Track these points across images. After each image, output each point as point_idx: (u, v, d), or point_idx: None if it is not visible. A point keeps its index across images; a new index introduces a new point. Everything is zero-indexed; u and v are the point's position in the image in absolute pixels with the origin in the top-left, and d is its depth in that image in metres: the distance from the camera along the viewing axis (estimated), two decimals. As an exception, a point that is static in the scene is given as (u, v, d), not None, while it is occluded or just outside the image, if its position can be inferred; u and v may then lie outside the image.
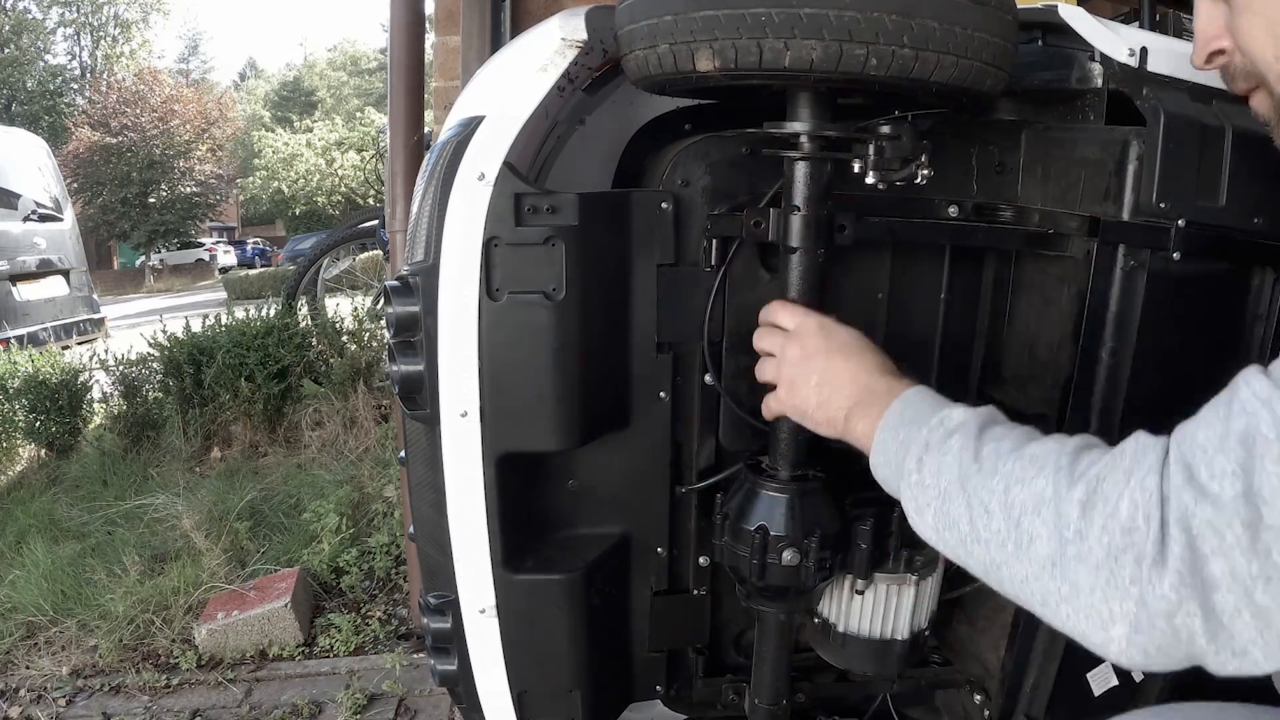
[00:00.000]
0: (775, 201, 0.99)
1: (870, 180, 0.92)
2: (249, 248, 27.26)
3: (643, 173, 1.16)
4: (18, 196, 6.42)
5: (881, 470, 0.82)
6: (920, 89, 0.80)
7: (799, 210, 0.93)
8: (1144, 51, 0.94)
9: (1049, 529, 0.62)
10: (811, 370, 0.90)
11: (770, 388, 0.95)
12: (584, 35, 0.96)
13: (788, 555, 0.98)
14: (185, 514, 2.71)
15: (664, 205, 1.03)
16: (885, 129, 0.91)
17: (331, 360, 3.79)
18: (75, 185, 20.17)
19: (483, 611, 1.07)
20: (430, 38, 2.35)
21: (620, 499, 1.13)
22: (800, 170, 0.92)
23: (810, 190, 0.92)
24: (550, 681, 1.12)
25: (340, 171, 24.15)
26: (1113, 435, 1.00)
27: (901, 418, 0.80)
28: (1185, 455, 0.58)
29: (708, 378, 1.09)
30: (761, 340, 0.97)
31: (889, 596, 1.11)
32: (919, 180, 0.93)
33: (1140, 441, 0.62)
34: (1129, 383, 0.99)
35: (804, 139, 0.91)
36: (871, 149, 0.91)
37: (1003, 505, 0.66)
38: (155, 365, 3.73)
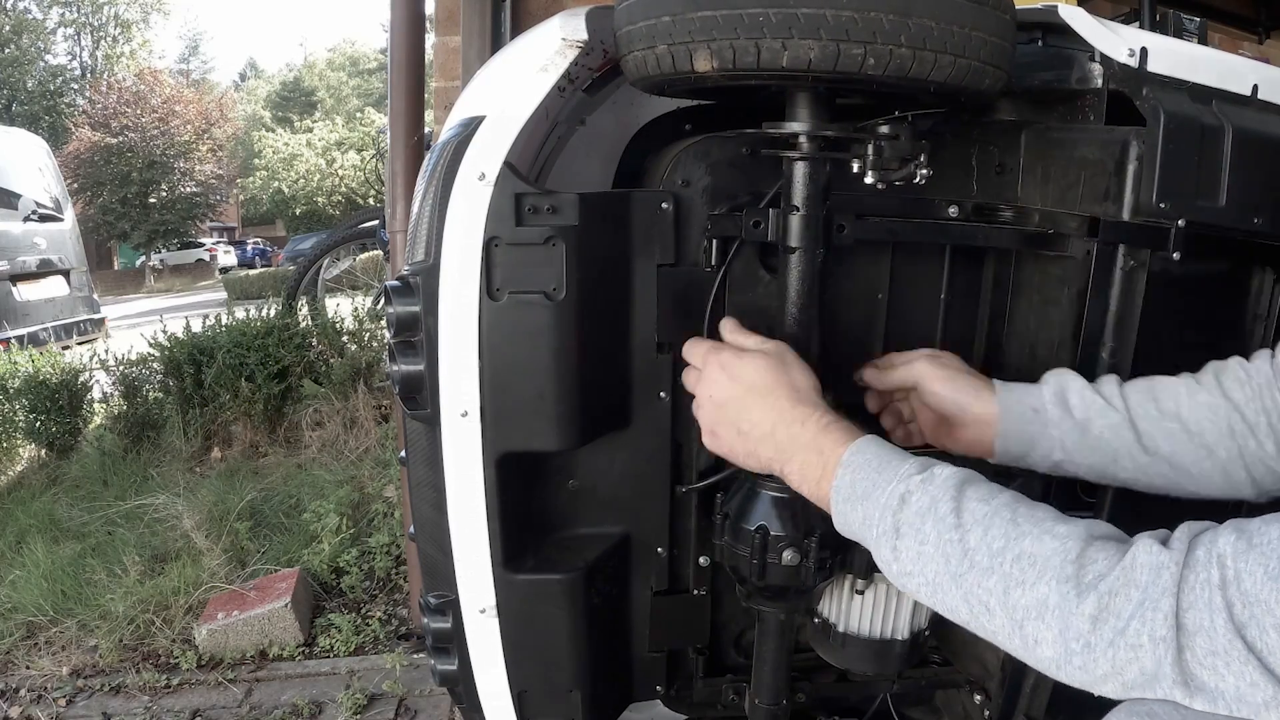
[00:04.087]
0: (775, 202, 0.99)
1: (869, 180, 0.92)
2: (249, 248, 27.27)
3: (643, 173, 1.16)
4: (18, 196, 6.42)
5: (850, 536, 0.79)
6: (919, 88, 0.80)
7: (798, 210, 0.93)
8: (1144, 51, 0.94)
9: (1054, 634, 0.62)
10: (726, 418, 0.86)
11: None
12: (584, 36, 0.96)
13: (788, 555, 0.98)
14: (185, 514, 2.71)
15: (664, 205, 1.03)
16: (884, 129, 0.91)
17: (332, 360, 3.79)
18: (75, 185, 20.17)
19: (483, 611, 1.07)
20: (430, 38, 2.35)
21: (620, 499, 1.13)
22: (799, 170, 0.92)
23: (809, 190, 0.92)
24: (550, 681, 1.12)
25: (340, 171, 24.16)
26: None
27: (854, 490, 0.76)
28: (1230, 600, 0.55)
29: (708, 378, 1.09)
30: (685, 379, 0.95)
31: (889, 596, 1.11)
32: (918, 180, 0.93)
33: (1153, 556, 0.60)
34: (1129, 383, 0.99)
35: (802, 139, 0.91)
36: (870, 149, 0.91)
37: (1004, 606, 0.64)
38: (155, 365, 3.73)
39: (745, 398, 0.85)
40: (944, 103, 0.90)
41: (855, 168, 0.93)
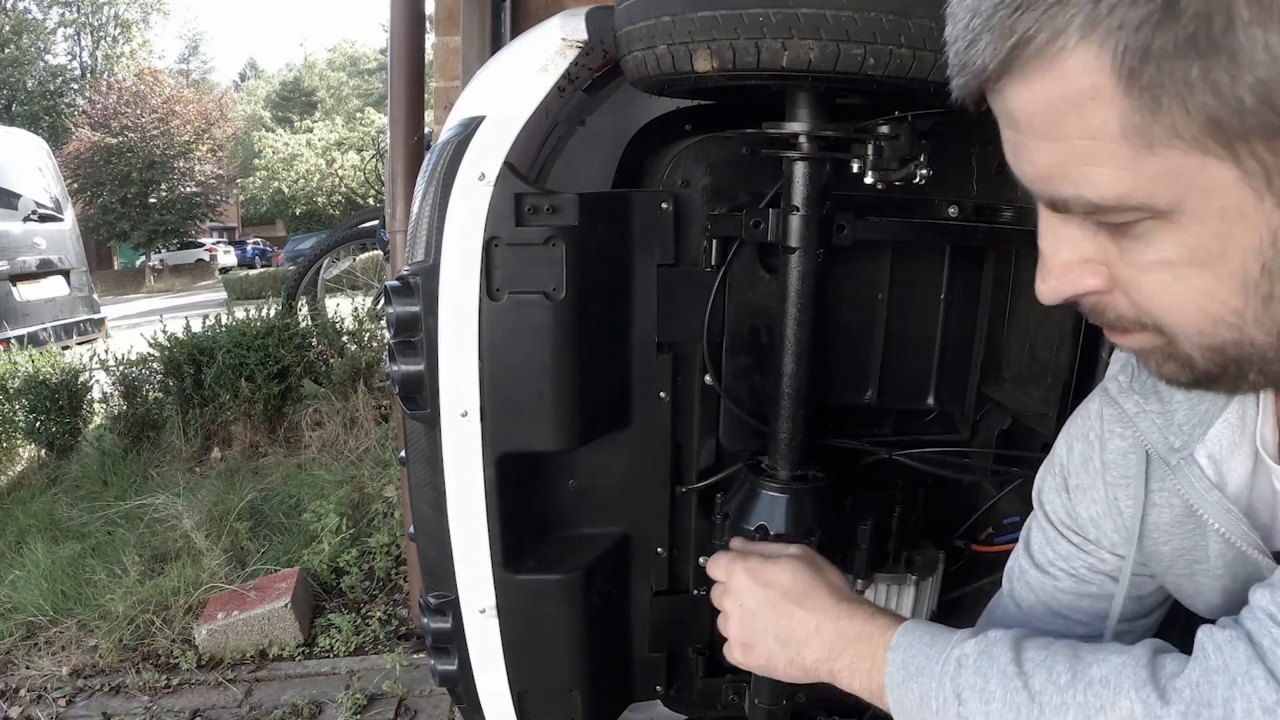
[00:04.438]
0: (775, 202, 0.99)
1: (869, 180, 0.92)
2: (249, 248, 27.25)
3: (643, 173, 1.16)
4: (18, 197, 6.42)
5: None
6: (918, 88, 0.80)
7: (798, 210, 0.93)
8: (1144, 52, 0.94)
9: None
10: (761, 627, 0.82)
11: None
12: (584, 36, 0.96)
13: (788, 555, 0.98)
14: (185, 514, 2.71)
15: (664, 205, 1.03)
16: (884, 129, 0.91)
17: (331, 360, 3.79)
18: (75, 185, 20.17)
19: (483, 611, 1.07)
20: (430, 38, 2.35)
21: (620, 499, 1.13)
22: (799, 170, 0.92)
23: (809, 190, 0.92)
24: (550, 681, 1.12)
25: (340, 171, 24.15)
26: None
27: (908, 669, 0.71)
28: None
29: (707, 378, 1.09)
30: (713, 595, 0.89)
31: (889, 596, 1.11)
32: (918, 180, 0.93)
33: (1218, 636, 0.57)
34: (1129, 383, 0.99)
35: (802, 139, 0.91)
36: (870, 149, 0.91)
37: None
38: (155, 365, 3.73)
39: (781, 603, 0.81)
40: (944, 103, 0.90)
41: (855, 168, 0.93)
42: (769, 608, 0.81)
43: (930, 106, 0.92)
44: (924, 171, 0.92)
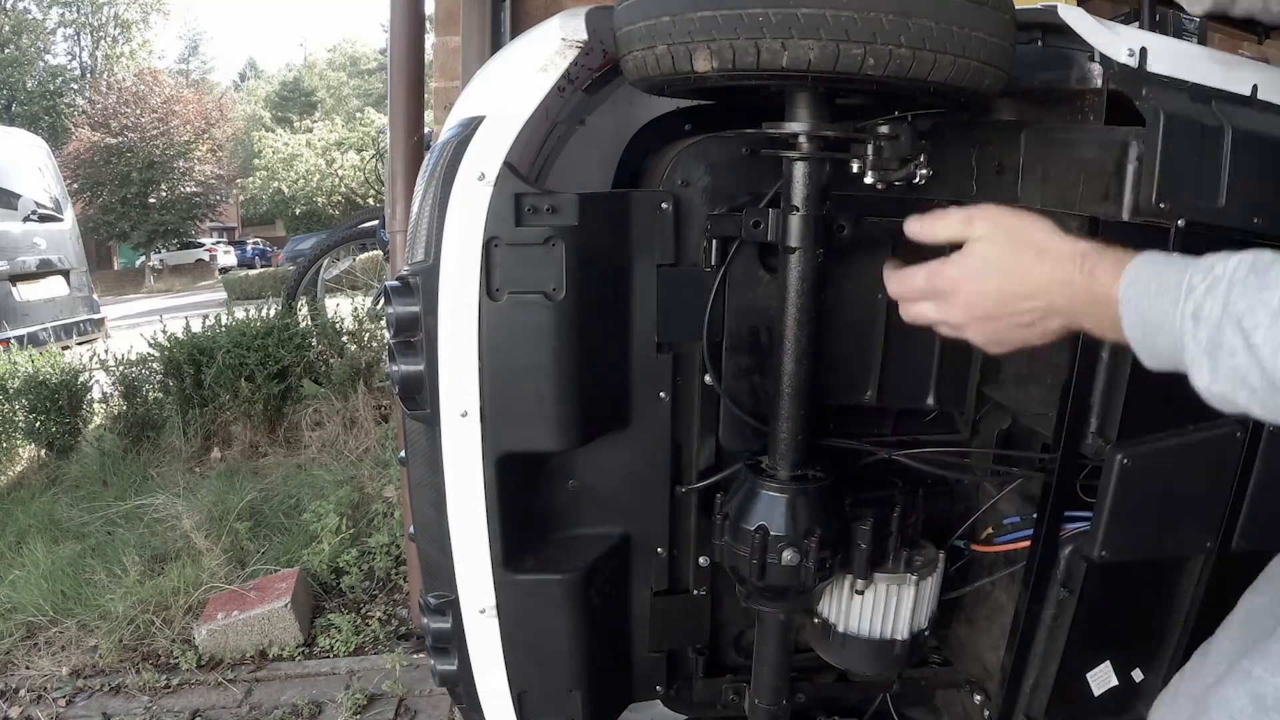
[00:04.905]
0: (775, 202, 0.99)
1: (869, 180, 0.92)
2: (249, 248, 27.24)
3: (643, 173, 1.16)
4: (18, 197, 6.41)
5: (1163, 366, 0.70)
6: (918, 88, 0.80)
7: (797, 210, 0.93)
8: (1144, 52, 0.94)
9: None
10: (998, 320, 0.77)
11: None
12: (584, 36, 0.96)
13: (788, 555, 0.98)
14: (185, 514, 2.71)
15: (664, 205, 1.03)
16: (884, 129, 0.91)
17: (331, 360, 3.79)
18: (75, 185, 20.15)
19: (483, 611, 1.07)
20: (430, 38, 2.35)
21: (620, 499, 1.13)
22: (799, 170, 0.92)
23: (809, 190, 0.92)
24: (550, 681, 1.12)
25: (340, 172, 24.13)
26: (1112, 435, 1.00)
27: (1147, 322, 0.69)
28: None
29: (707, 378, 1.09)
30: (921, 314, 0.84)
31: (889, 596, 1.11)
32: (918, 180, 0.93)
33: None
34: (1129, 382, 0.99)
35: (802, 139, 0.91)
36: (870, 149, 0.91)
37: None
38: (155, 365, 3.73)
39: (1002, 288, 0.76)
40: (944, 103, 0.90)
41: (855, 168, 0.93)
42: (993, 297, 0.77)
43: (930, 107, 0.92)
44: (924, 171, 0.92)
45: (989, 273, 0.78)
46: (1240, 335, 0.63)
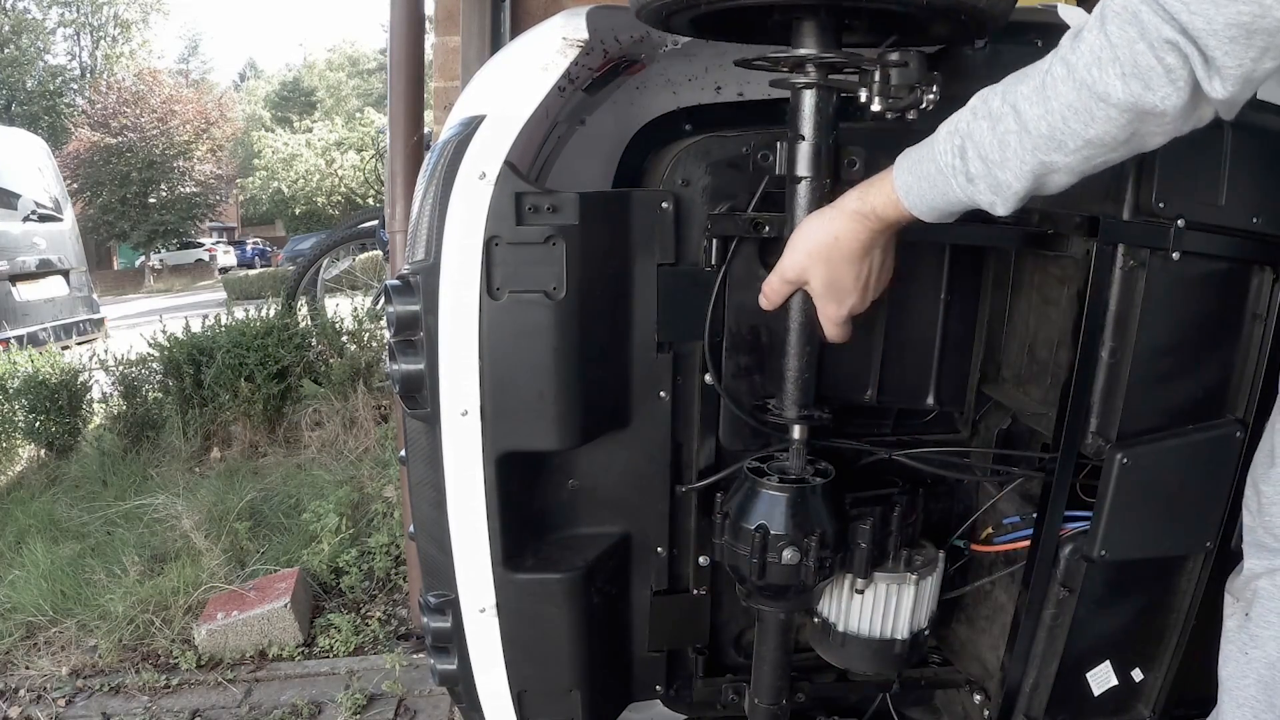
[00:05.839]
0: (767, 201, 0.99)
1: (876, 108, 0.91)
2: (249, 248, 27.22)
3: (643, 172, 1.16)
4: (18, 196, 6.41)
5: (938, 210, 0.84)
6: (921, 10, 0.81)
7: (804, 139, 0.92)
8: (1144, 51, 0.94)
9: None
10: (840, 290, 0.92)
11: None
12: (585, 35, 0.96)
13: (788, 554, 0.98)
14: (185, 514, 2.70)
15: (664, 205, 1.03)
16: (893, 55, 0.89)
17: (331, 360, 3.79)
18: (75, 185, 20.14)
19: (483, 611, 1.07)
20: (430, 38, 2.35)
21: (620, 499, 1.13)
22: (807, 99, 0.91)
23: (817, 119, 0.92)
24: (550, 681, 1.12)
25: (340, 171, 24.13)
26: (1112, 435, 1.00)
27: (916, 177, 0.83)
28: None
29: (708, 377, 1.09)
30: (822, 311, 0.97)
31: (889, 596, 1.11)
32: (925, 105, 0.91)
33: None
34: (1129, 382, 0.99)
35: (809, 66, 0.90)
36: (878, 74, 0.89)
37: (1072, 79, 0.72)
38: (155, 365, 3.73)
39: (829, 267, 0.91)
40: (949, 29, 0.90)
41: (863, 96, 0.91)
42: (826, 274, 0.91)
43: (934, 36, 0.92)
44: (931, 97, 0.91)
45: (799, 238, 0.92)
46: (1007, 105, 0.76)
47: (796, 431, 1.02)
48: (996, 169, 0.77)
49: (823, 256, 0.90)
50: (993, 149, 0.77)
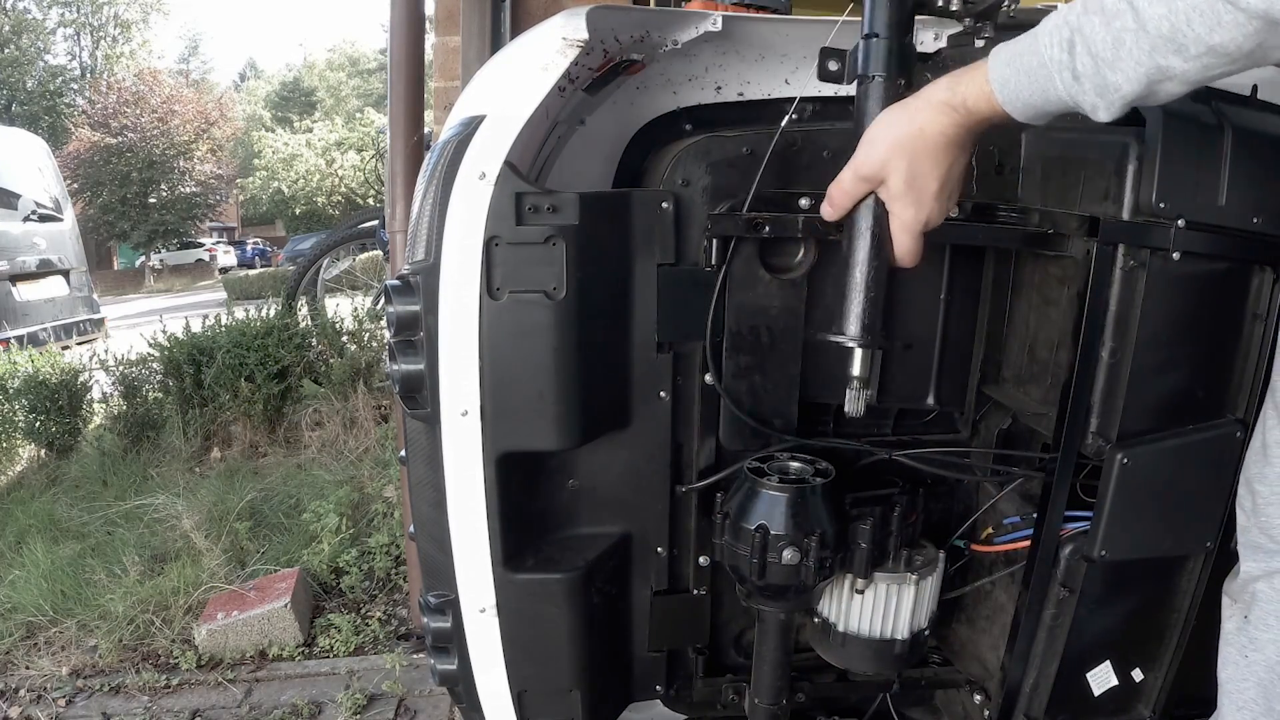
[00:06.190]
0: (760, 201, 0.98)
1: (955, 7, 0.88)
2: (249, 248, 27.21)
3: (643, 172, 1.16)
4: (18, 196, 6.41)
5: (1037, 110, 0.78)
6: None
7: (878, 36, 0.89)
8: (1144, 51, 0.94)
9: None
10: (924, 187, 0.85)
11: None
12: (585, 35, 0.96)
13: (788, 554, 0.98)
14: (185, 514, 2.71)
15: (664, 205, 1.03)
16: None
17: (331, 360, 3.79)
18: (75, 185, 20.15)
19: (483, 611, 1.07)
20: (430, 38, 2.35)
21: (620, 499, 1.13)
22: None
23: (891, 15, 0.88)
24: (550, 681, 1.12)
25: (340, 171, 24.13)
26: (1112, 435, 1.00)
27: (1016, 71, 0.77)
28: None
29: (708, 377, 1.09)
30: (894, 216, 0.89)
31: (889, 596, 1.11)
32: (1008, 8, 0.88)
33: None
34: (1129, 382, 0.99)
35: None
36: None
37: None
38: (155, 365, 3.73)
39: (912, 162, 0.84)
40: None
41: None
42: (908, 174, 0.84)
43: None
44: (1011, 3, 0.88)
45: (877, 130, 0.86)
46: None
47: (858, 360, 0.94)
48: (1106, 69, 0.71)
49: (905, 149, 0.83)
50: (1105, 46, 0.70)
